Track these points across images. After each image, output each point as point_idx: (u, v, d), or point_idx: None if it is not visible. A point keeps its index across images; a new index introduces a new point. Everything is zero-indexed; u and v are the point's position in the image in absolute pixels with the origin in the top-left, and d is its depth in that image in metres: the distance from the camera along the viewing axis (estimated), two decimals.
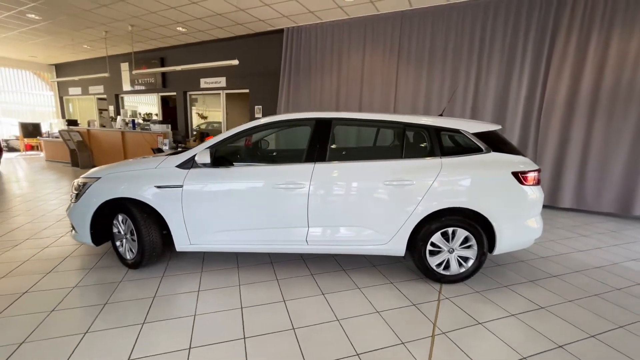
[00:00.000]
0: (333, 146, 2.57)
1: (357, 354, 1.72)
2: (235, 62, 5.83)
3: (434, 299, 2.30)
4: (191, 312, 2.06)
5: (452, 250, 2.48)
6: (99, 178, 2.57)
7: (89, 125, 8.89)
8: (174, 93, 9.49)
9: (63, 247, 3.05)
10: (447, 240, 2.46)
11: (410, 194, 2.39)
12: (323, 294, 2.33)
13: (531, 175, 2.43)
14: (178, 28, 7.25)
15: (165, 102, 10.49)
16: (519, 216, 2.45)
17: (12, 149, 11.72)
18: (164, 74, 9.43)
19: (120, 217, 2.58)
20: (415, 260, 2.52)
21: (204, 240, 2.54)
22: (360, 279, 2.58)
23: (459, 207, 2.41)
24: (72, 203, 2.68)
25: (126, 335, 1.82)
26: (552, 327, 2.01)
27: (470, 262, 2.49)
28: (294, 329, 1.92)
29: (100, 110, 11.44)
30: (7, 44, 9.14)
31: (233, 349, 1.73)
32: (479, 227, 2.41)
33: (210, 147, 2.50)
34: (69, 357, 1.64)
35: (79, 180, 2.67)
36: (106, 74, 8.51)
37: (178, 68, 6.92)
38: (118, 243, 2.67)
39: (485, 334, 1.92)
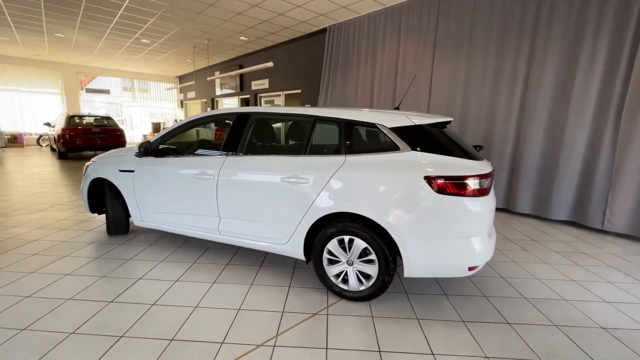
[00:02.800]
0: (252, 140, 2.57)
1: (171, 339, 1.76)
2: (270, 64, 6.25)
3: (315, 312, 2.07)
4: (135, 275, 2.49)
5: (351, 263, 2.15)
6: (94, 162, 3.32)
7: None
8: (248, 95, 10.77)
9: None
10: (345, 249, 2.15)
11: (304, 193, 2.20)
12: (215, 282, 2.40)
13: (454, 183, 1.88)
14: (241, 37, 8.23)
15: (247, 104, 11.99)
16: (435, 233, 1.93)
17: None
18: (241, 80, 10.82)
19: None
20: (314, 266, 2.29)
21: (151, 218, 2.96)
22: (263, 276, 2.52)
23: (355, 213, 2.08)
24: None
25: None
26: None
27: (372, 281, 2.10)
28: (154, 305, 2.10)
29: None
30: (142, 63, 12.21)
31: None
32: (380, 239, 2.02)
33: (154, 141, 2.89)
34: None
35: (87, 163, 3.50)
36: (192, 82, 10.34)
37: (232, 73, 7.84)
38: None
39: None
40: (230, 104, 12.28)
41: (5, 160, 8.58)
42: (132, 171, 2.93)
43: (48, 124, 10.25)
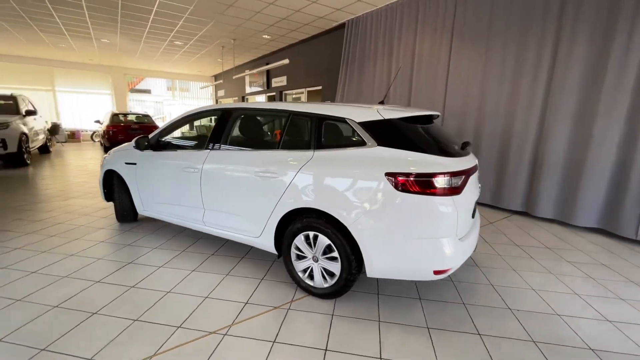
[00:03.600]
0: (232, 135, 2.64)
1: (135, 320, 1.89)
2: (286, 61, 6.32)
3: (277, 305, 2.08)
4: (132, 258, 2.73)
5: (316, 259, 2.13)
6: (109, 154, 3.63)
7: None
8: (274, 93, 11.00)
9: None
10: (311, 246, 2.13)
11: (274, 187, 2.21)
12: (194, 270, 2.52)
13: (417, 180, 1.77)
14: (264, 36, 8.41)
15: (273, 100, 12.30)
16: (396, 233, 1.83)
17: None
18: (267, 77, 11.08)
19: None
20: (284, 261, 2.30)
21: (150, 208, 3.17)
22: (242, 267, 2.59)
23: (318, 209, 2.04)
24: None
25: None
26: None
27: (335, 279, 2.06)
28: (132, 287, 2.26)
29: None
30: (179, 64, 13.02)
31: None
32: (342, 237, 1.97)
33: (152, 135, 3.08)
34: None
35: (104, 155, 3.84)
36: (220, 81, 10.76)
37: (254, 71, 8.06)
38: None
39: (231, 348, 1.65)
40: (259, 101, 12.63)
41: (62, 154, 9.70)
42: (134, 164, 3.17)
43: (98, 122, 11.40)
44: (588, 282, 2.48)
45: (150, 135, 3.09)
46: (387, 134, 1.97)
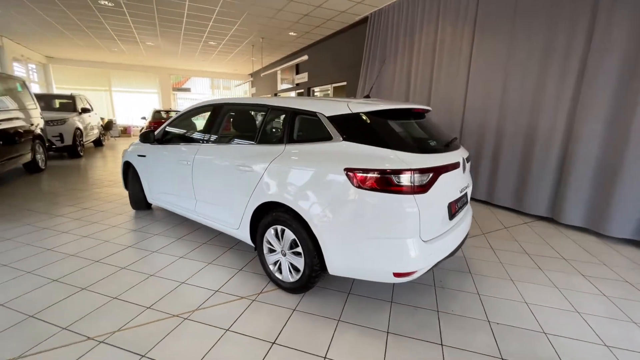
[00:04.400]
0: (218, 129, 2.73)
1: (114, 297, 2.06)
2: (305, 57, 6.34)
3: (244, 296, 2.13)
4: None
5: (284, 253, 2.14)
6: (130, 147, 3.96)
7: None
8: (302, 90, 11.11)
9: None
10: (279, 239, 2.14)
11: (249, 180, 2.26)
12: (182, 257, 2.67)
13: (375, 177, 1.69)
14: (290, 33, 8.52)
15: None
16: (354, 231, 1.77)
17: None
18: (297, 74, 11.21)
19: None
20: (258, 253, 2.34)
21: (155, 197, 3.42)
22: (226, 257, 2.68)
23: (282, 204, 2.04)
24: None
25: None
26: None
27: (300, 274, 2.05)
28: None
29: None
30: (217, 63, 13.71)
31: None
32: (305, 232, 1.95)
33: (159, 131, 3.30)
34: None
35: (124, 148, 4.19)
36: (250, 79, 11.10)
37: (277, 68, 8.18)
38: None
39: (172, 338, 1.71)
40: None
41: (113, 147, 10.79)
42: (144, 156, 3.43)
43: (144, 118, 12.49)
44: (598, 300, 2.17)
45: (157, 130, 3.32)
46: (353, 128, 1.90)
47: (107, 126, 12.54)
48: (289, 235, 2.04)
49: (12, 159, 5.06)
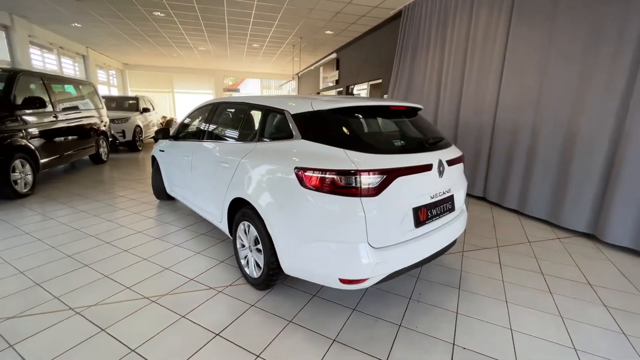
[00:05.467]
0: (212, 127, 2.86)
1: (105, 276, 2.31)
2: (334, 55, 6.27)
3: (212, 286, 2.22)
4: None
5: (251, 249, 2.17)
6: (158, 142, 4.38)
7: None
8: (342, 88, 11.05)
9: None
10: (247, 235, 2.18)
11: (226, 177, 2.34)
12: (176, 245, 2.87)
13: (319, 177, 1.63)
14: (327, 32, 8.52)
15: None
16: (299, 231, 1.73)
17: None
18: (339, 72, 11.18)
19: None
20: (234, 247, 2.41)
21: (171, 190, 3.73)
22: (217, 248, 2.81)
23: (246, 200, 2.07)
24: None
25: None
26: None
27: (261, 270, 2.06)
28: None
29: None
30: (264, 65, 14.34)
31: None
32: (263, 229, 1.96)
33: (175, 128, 3.59)
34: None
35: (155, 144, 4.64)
36: (291, 80, 11.34)
37: (305, 71, 8.18)
38: None
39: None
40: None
41: None
42: (163, 151, 3.77)
43: None
44: (612, 339, 1.78)
45: (173, 128, 3.62)
46: (311, 126, 1.85)
47: (168, 124, 14.01)
48: (253, 231, 2.08)
49: (81, 151, 5.99)
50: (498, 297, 2.16)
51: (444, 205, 1.99)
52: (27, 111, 4.43)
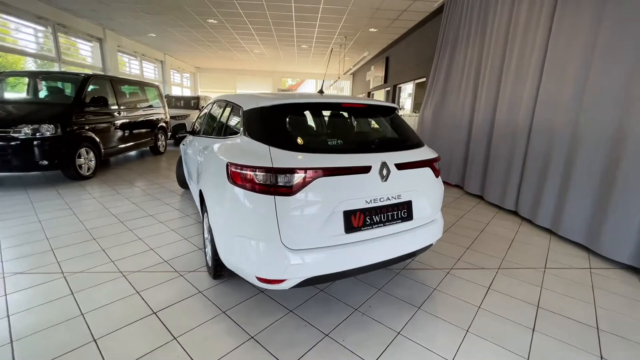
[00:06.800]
0: (208, 124, 3.05)
1: (87, 229, 2.68)
2: (366, 53, 6.10)
3: (177, 270, 2.40)
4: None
5: (206, 239, 2.27)
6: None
7: None
8: (389, 88, 10.64)
9: None
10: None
11: (198, 170, 2.50)
12: (173, 230, 3.15)
13: (238, 172, 1.64)
14: (370, 30, 8.30)
15: (392, 95, 11.87)
16: (225, 225, 1.77)
17: None
18: (386, 72, 10.80)
19: None
20: None
21: (189, 182, 4.10)
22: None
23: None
24: None
25: None
26: None
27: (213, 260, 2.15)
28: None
29: None
30: (316, 65, 14.61)
31: None
32: (208, 220, 2.04)
33: (193, 123, 3.93)
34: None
35: None
36: (337, 79, 11.28)
37: (353, 68, 8.03)
38: None
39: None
40: (379, 96, 12.54)
41: None
42: (184, 145, 4.16)
43: None
44: None
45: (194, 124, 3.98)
46: (251, 122, 1.87)
47: None
48: (206, 223, 2.18)
49: (140, 143, 6.98)
50: (459, 325, 1.88)
51: (392, 213, 1.81)
52: (93, 108, 5.33)
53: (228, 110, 2.48)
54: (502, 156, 4.14)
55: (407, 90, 9.53)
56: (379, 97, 12.30)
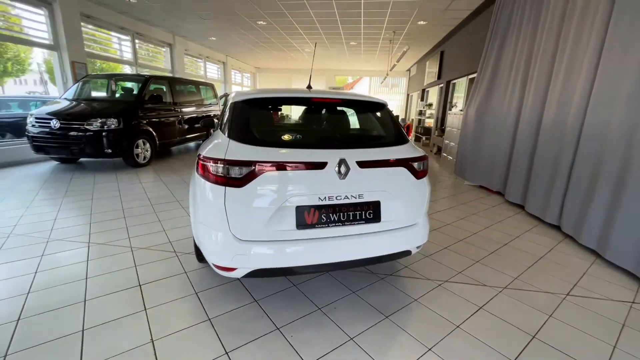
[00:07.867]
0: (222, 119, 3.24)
1: (99, 212, 3.08)
2: (406, 48, 5.78)
3: (171, 251, 2.63)
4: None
5: None
6: None
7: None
8: (442, 84, 9.91)
9: None
10: None
11: None
12: (181, 217, 3.45)
13: (202, 163, 1.74)
14: (419, 22, 7.82)
15: (445, 91, 11.01)
16: (195, 213, 1.89)
17: None
18: (440, 67, 10.08)
19: None
20: None
21: None
22: None
23: None
24: None
25: None
26: None
27: None
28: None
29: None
30: (369, 62, 14.31)
31: None
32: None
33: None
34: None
35: None
36: (386, 76, 10.82)
37: (390, 68, 7.66)
38: None
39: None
40: (433, 94, 11.76)
41: None
42: None
43: None
44: None
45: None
46: (224, 118, 1.97)
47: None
48: None
49: (197, 136, 7.77)
50: (423, 341, 1.70)
51: (354, 213, 1.72)
52: (151, 105, 6.09)
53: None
54: (547, 160, 3.56)
55: (462, 85, 8.76)
56: (433, 95, 11.55)
